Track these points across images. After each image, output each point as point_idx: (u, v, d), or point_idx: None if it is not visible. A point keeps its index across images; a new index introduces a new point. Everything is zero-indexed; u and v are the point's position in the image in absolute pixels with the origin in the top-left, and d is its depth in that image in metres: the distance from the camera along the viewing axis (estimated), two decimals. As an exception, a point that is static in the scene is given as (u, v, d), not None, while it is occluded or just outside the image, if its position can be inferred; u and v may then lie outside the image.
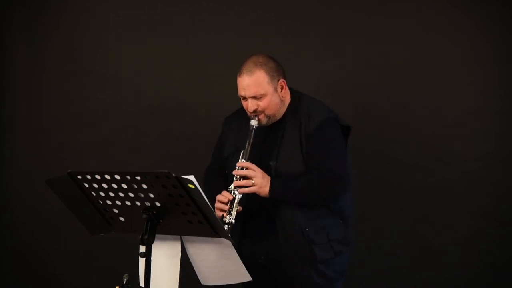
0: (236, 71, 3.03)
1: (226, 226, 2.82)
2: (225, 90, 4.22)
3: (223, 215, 2.87)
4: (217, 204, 2.89)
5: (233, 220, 2.85)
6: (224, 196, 2.89)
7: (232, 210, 2.86)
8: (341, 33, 4.21)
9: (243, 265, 2.53)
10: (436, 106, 4.09)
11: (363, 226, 3.17)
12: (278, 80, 3.02)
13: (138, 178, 2.31)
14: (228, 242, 2.47)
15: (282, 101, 3.05)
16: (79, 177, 2.42)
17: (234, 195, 2.89)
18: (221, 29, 4.37)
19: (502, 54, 4.02)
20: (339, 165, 3.00)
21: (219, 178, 3.14)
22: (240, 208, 2.89)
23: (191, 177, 2.26)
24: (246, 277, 2.55)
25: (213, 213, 2.35)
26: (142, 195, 2.36)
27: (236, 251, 2.57)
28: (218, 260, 2.54)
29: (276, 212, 2.97)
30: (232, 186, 2.92)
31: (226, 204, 2.87)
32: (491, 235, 4.02)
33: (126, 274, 2.45)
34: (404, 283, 4.13)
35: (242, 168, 2.91)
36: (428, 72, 4.11)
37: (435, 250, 4.08)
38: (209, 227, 2.39)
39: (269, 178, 2.91)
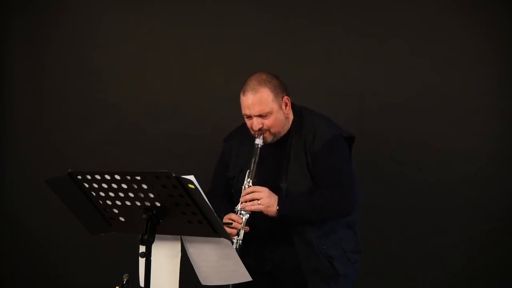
0: (236, 71, 3.02)
1: (234, 248, 2.79)
2: (225, 90, 4.22)
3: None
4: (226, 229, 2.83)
5: (241, 241, 2.83)
6: (232, 219, 2.87)
7: (239, 231, 2.85)
8: (340, 34, 4.21)
9: (243, 265, 2.53)
10: (436, 106, 4.09)
11: (362, 226, 3.18)
12: (283, 97, 2.99)
13: (138, 178, 2.31)
14: (228, 242, 2.47)
15: (286, 118, 3.02)
16: (79, 177, 2.41)
17: (241, 216, 2.87)
18: (222, 28, 4.36)
19: (502, 54, 4.02)
20: (348, 182, 2.98)
21: (225, 199, 3.09)
22: (247, 228, 2.87)
23: (191, 177, 2.26)
24: (246, 277, 2.55)
25: (213, 213, 2.34)
26: (142, 195, 2.36)
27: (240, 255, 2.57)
28: (218, 260, 2.53)
29: (288, 226, 2.95)
30: (238, 207, 2.90)
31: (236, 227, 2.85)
32: (491, 235, 4.02)
33: (126, 274, 2.45)
34: (404, 283, 4.13)
35: (248, 194, 2.88)
36: (428, 72, 4.10)
37: (435, 250, 4.08)
38: (209, 227, 2.38)
39: (276, 197, 2.88)
